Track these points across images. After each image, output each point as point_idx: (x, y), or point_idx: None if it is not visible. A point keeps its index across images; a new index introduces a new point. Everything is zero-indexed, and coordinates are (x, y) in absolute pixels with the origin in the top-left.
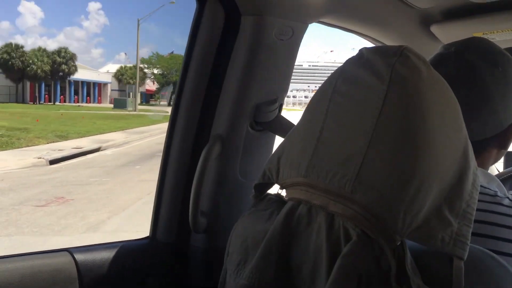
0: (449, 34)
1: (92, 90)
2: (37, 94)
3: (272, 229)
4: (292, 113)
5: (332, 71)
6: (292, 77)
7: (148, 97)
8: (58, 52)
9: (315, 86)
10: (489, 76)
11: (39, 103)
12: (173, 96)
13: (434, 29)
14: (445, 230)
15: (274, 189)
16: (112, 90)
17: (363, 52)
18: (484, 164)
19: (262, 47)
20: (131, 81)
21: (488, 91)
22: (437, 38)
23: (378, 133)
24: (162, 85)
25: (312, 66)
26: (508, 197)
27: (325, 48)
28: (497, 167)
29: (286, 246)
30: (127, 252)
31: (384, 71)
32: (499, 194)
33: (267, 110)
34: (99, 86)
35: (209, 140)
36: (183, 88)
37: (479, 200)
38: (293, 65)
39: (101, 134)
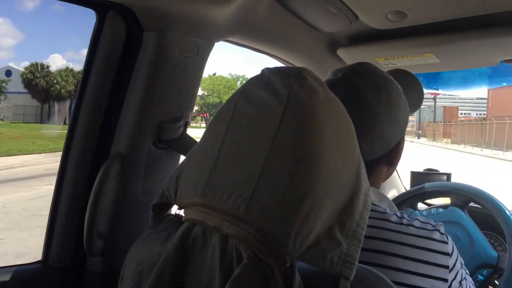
0: (354, 58)
1: None
2: (66, 114)
3: (167, 252)
4: None
5: None
6: None
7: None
8: None
9: None
10: (375, 100)
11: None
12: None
13: (340, 52)
14: (334, 250)
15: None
16: None
17: (264, 72)
18: (375, 182)
19: (166, 64)
20: None
21: (374, 114)
22: (344, 61)
23: (274, 153)
24: (200, 107)
25: None
26: (396, 214)
27: None
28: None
29: (181, 269)
30: (16, 277)
31: (282, 91)
32: (388, 211)
33: (171, 128)
34: None
35: (109, 158)
36: (81, 104)
37: (370, 217)
38: (199, 82)
39: (5, 156)
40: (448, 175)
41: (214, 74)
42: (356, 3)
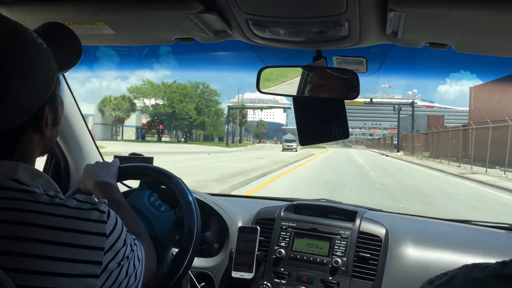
0: (20, 18)
1: None
2: None
3: None
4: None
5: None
6: None
7: (144, 132)
8: None
9: (372, 124)
10: (2, 59)
11: None
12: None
13: (3, 10)
14: None
15: None
16: (95, 123)
17: None
18: (26, 156)
19: None
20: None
21: (4, 75)
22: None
23: None
24: (152, 118)
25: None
26: (48, 194)
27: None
28: None
29: None
30: None
31: None
32: (37, 191)
33: None
34: None
35: None
36: None
37: (13, 198)
38: None
39: None
40: (151, 159)
41: (175, 81)
42: None
